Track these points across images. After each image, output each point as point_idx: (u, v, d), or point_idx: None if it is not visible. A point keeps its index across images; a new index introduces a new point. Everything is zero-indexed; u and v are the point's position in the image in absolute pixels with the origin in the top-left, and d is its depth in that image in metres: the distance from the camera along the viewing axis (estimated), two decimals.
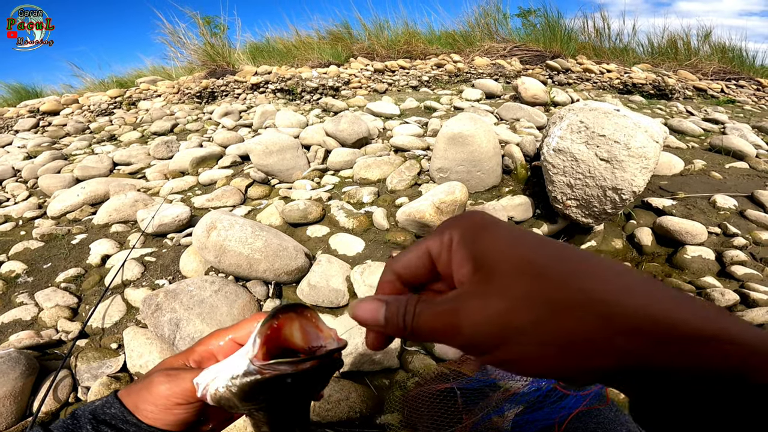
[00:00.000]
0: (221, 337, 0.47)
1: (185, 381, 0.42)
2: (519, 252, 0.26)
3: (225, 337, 0.46)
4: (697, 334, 0.22)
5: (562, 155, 2.20)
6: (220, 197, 2.86)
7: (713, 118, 4.64)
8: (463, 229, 0.29)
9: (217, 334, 0.47)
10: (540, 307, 0.24)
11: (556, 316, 0.23)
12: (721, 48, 7.21)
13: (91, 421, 0.44)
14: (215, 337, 0.47)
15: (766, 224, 2.39)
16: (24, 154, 4.50)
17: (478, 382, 1.29)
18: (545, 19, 7.56)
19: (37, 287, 2.12)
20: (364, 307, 0.31)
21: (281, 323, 0.38)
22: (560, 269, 0.25)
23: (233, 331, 0.47)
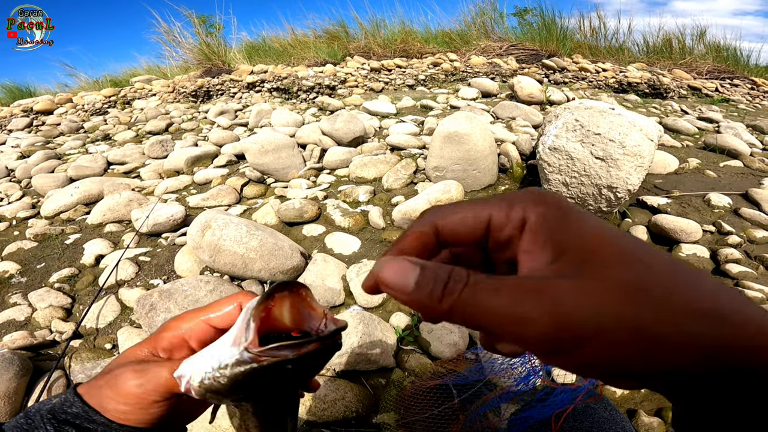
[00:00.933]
0: (191, 320, 0.41)
1: (159, 375, 0.37)
2: (621, 242, 0.23)
3: (196, 319, 0.41)
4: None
5: (557, 154, 2.21)
6: (215, 196, 2.84)
7: (708, 117, 4.67)
8: (545, 211, 0.25)
9: (186, 317, 0.42)
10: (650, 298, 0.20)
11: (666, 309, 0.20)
12: (715, 47, 7.25)
13: (50, 420, 0.38)
14: (184, 320, 0.42)
15: (760, 222, 2.41)
16: (17, 154, 4.47)
17: (472, 379, 1.29)
18: (541, 18, 7.58)
19: (31, 287, 2.10)
20: (391, 268, 0.24)
21: (275, 303, 0.34)
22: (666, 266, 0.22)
23: (205, 312, 0.42)
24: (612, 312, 0.20)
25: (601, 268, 0.21)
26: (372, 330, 1.63)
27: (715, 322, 0.20)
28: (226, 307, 0.41)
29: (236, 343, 0.33)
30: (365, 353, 1.55)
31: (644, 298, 0.20)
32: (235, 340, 0.33)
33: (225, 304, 0.41)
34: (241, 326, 0.33)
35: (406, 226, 2.23)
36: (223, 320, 0.41)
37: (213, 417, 0.49)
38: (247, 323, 0.32)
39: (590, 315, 0.20)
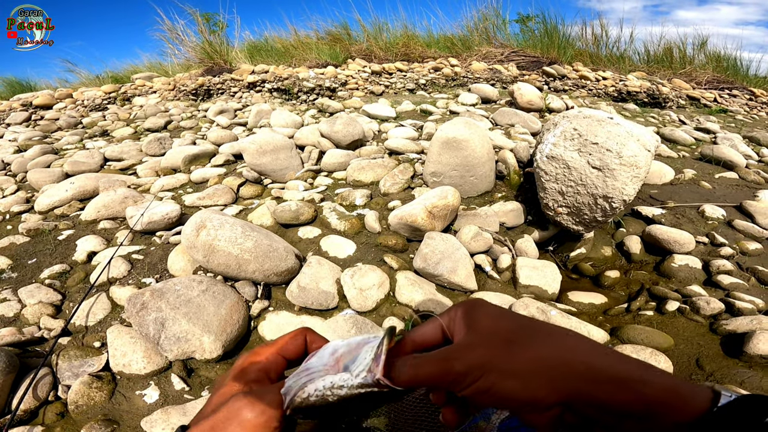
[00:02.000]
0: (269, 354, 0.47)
1: (272, 400, 0.41)
2: (497, 323, 0.39)
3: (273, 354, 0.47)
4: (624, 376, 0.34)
5: (554, 162, 2.21)
6: (211, 196, 2.83)
7: (705, 128, 4.69)
8: (465, 308, 0.42)
9: (262, 352, 0.47)
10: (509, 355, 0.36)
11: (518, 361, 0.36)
12: (716, 57, 7.27)
13: None
14: (262, 355, 0.47)
15: (753, 234, 2.41)
16: (14, 148, 4.44)
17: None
18: (544, 25, 7.60)
19: (21, 283, 2.08)
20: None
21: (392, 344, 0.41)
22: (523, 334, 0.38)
23: (278, 346, 0.48)
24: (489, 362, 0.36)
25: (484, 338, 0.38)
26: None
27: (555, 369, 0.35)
28: (298, 341, 0.48)
29: (357, 369, 0.40)
30: None
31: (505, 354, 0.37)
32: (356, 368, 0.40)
33: (296, 338, 0.48)
34: (363, 357, 0.41)
35: (402, 232, 2.23)
36: (295, 352, 0.48)
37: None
38: (375, 357, 0.39)
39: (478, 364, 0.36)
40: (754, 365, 1.59)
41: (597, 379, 0.33)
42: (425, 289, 1.95)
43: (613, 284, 2.24)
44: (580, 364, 0.34)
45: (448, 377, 0.37)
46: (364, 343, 0.42)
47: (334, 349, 0.44)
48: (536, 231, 2.50)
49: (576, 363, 0.35)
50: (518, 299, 1.91)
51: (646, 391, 0.32)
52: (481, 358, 0.36)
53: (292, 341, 0.48)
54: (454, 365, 0.37)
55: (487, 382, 0.35)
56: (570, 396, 0.34)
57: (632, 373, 0.34)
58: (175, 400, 1.49)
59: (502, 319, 0.40)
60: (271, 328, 1.79)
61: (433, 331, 0.43)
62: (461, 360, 0.37)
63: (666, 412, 0.32)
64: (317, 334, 0.49)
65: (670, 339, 1.75)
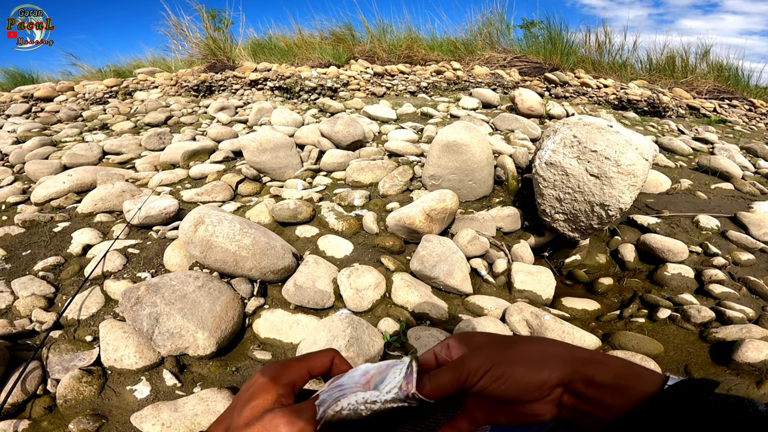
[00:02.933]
0: (296, 369, 0.48)
1: (309, 419, 0.42)
2: (490, 337, 0.48)
3: (301, 370, 0.49)
4: (598, 358, 0.43)
5: (553, 169, 2.22)
6: (209, 192, 2.83)
7: (703, 138, 4.71)
8: (457, 335, 0.50)
9: (292, 366, 0.48)
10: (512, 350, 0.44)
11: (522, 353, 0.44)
12: (718, 66, 7.28)
13: None
14: (291, 369, 0.48)
15: (746, 245, 2.43)
16: (13, 139, 4.43)
17: None
18: (548, 31, 7.62)
19: (15, 275, 2.08)
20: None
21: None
22: (515, 339, 0.47)
23: (307, 363, 0.49)
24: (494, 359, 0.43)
25: (484, 347, 0.45)
26: (360, 334, 1.62)
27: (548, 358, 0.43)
28: (325, 361, 0.50)
29: (388, 386, 0.44)
30: (352, 358, 1.54)
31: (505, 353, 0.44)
32: (386, 386, 0.45)
33: (324, 357, 0.51)
34: (392, 377, 0.45)
35: (400, 233, 2.23)
36: (321, 371, 0.50)
37: None
38: (405, 376, 0.44)
39: (487, 363, 0.43)
40: (741, 373, 1.60)
41: (584, 361, 0.42)
42: (421, 291, 1.95)
43: (607, 291, 2.25)
44: (569, 352, 0.44)
45: (462, 375, 0.43)
46: (392, 366, 0.47)
47: (365, 371, 0.48)
48: (532, 237, 2.51)
49: (565, 351, 0.44)
50: (512, 303, 1.91)
51: (612, 365, 0.42)
52: (488, 355, 0.44)
53: (320, 360, 0.50)
54: (466, 364, 0.43)
55: (498, 371, 0.42)
56: (568, 375, 0.41)
57: (600, 355, 0.43)
58: (166, 396, 1.48)
59: (491, 335, 0.49)
60: (266, 325, 1.78)
61: (429, 358, 0.50)
62: (471, 360, 0.44)
63: (628, 385, 0.40)
64: (343, 358, 0.51)
65: (660, 346, 1.76)
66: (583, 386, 0.41)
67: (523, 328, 1.80)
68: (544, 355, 0.43)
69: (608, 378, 0.41)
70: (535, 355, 0.43)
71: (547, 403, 0.42)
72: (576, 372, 0.41)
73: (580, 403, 0.42)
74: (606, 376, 0.41)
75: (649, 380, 0.40)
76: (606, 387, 0.40)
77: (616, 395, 0.40)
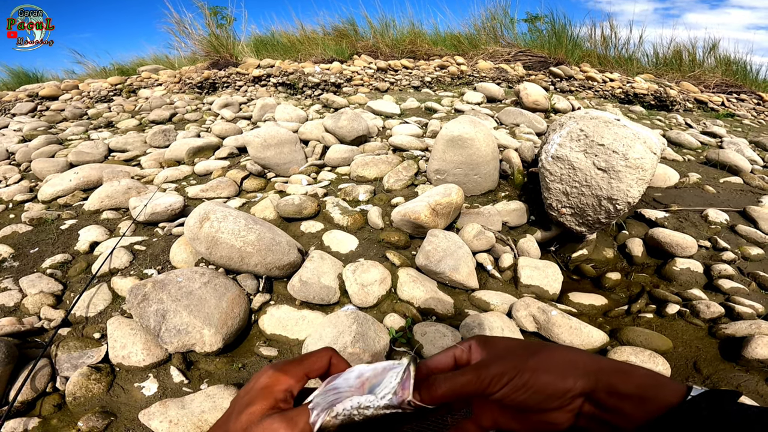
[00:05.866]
0: (294, 373, 0.48)
1: (307, 423, 0.42)
2: (512, 343, 0.47)
3: (298, 374, 0.48)
4: (622, 367, 0.42)
5: (559, 163, 2.20)
6: (214, 188, 2.83)
7: (711, 132, 4.65)
8: (478, 339, 0.49)
9: (289, 370, 0.48)
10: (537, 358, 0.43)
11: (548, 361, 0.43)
12: (725, 61, 7.20)
13: None
14: (287, 374, 0.48)
15: (755, 240, 2.40)
16: (19, 138, 4.46)
17: None
18: (552, 25, 7.55)
19: (23, 272, 2.09)
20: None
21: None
22: (537, 347, 0.46)
23: (303, 365, 0.49)
24: (515, 366, 0.43)
25: (505, 354, 0.45)
26: (365, 330, 1.62)
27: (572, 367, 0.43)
28: (323, 362, 0.50)
29: (383, 391, 0.43)
30: (358, 354, 1.54)
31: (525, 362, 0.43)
32: (381, 390, 0.44)
33: (321, 357, 0.50)
34: (388, 381, 0.44)
35: (405, 228, 2.22)
36: (318, 372, 0.50)
37: None
38: (401, 381, 0.44)
39: (510, 368, 0.42)
40: (751, 369, 1.58)
41: (608, 370, 0.42)
42: (427, 287, 1.95)
43: (614, 286, 2.23)
44: (595, 361, 0.43)
45: (485, 381, 0.43)
46: (389, 369, 0.46)
47: (360, 373, 0.47)
48: (539, 231, 2.49)
49: (590, 361, 0.43)
50: (519, 299, 1.90)
51: (636, 375, 0.41)
52: (513, 362, 0.43)
53: (318, 361, 0.50)
54: (491, 369, 0.43)
55: (523, 379, 0.42)
56: (592, 384, 0.41)
57: (625, 365, 0.43)
58: (173, 392, 1.49)
59: (514, 341, 0.49)
60: (271, 321, 1.79)
61: (447, 359, 0.49)
62: (496, 365, 0.44)
63: (650, 396, 0.40)
64: (340, 357, 0.51)
65: (668, 342, 1.74)
66: (605, 396, 0.41)
67: (529, 323, 1.79)
68: (570, 364, 0.43)
69: (631, 388, 0.40)
70: (560, 363, 0.43)
71: (566, 411, 0.42)
72: (600, 381, 0.41)
73: (600, 412, 0.42)
74: (629, 386, 0.41)
75: (672, 391, 0.40)
76: (628, 397, 0.40)
77: (637, 405, 0.40)
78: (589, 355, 0.45)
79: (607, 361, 0.44)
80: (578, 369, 0.42)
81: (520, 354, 0.45)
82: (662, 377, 0.42)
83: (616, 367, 0.43)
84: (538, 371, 0.42)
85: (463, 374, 0.44)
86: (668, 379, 0.42)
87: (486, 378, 0.43)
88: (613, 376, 0.41)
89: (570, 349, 0.46)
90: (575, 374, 0.42)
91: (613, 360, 0.45)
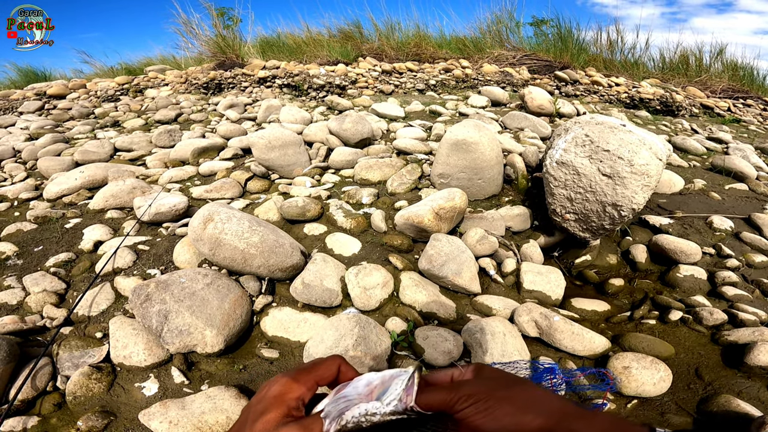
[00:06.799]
0: (305, 381, 0.49)
1: (320, 430, 0.44)
2: (498, 374, 0.50)
3: (309, 382, 0.50)
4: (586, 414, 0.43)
5: (564, 168, 2.19)
6: (218, 189, 2.84)
7: (717, 137, 4.63)
8: (475, 365, 0.52)
9: (301, 378, 0.49)
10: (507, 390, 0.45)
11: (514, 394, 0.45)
12: (732, 65, 7.16)
13: None
14: (299, 382, 0.49)
15: (760, 247, 2.38)
16: (26, 136, 4.49)
17: None
18: (558, 29, 7.54)
19: (26, 270, 2.10)
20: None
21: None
22: (518, 381, 0.48)
23: (314, 374, 0.50)
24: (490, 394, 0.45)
25: (488, 380, 0.48)
26: (367, 333, 1.62)
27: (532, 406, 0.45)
28: (332, 370, 0.52)
29: (389, 398, 0.45)
30: (359, 357, 1.53)
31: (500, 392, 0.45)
32: (387, 397, 0.45)
33: (330, 365, 0.52)
34: (393, 388, 0.46)
35: (408, 232, 2.22)
36: (329, 379, 0.52)
37: None
38: (406, 387, 0.45)
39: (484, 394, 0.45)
40: (753, 376, 1.57)
41: (573, 414, 0.43)
42: (429, 291, 1.94)
43: (617, 292, 2.22)
44: (560, 404, 0.45)
45: (454, 398, 0.45)
46: (396, 377, 0.47)
47: (368, 381, 0.49)
48: (542, 236, 2.48)
49: (558, 404, 0.45)
50: (521, 304, 1.89)
51: (599, 422, 0.42)
52: (484, 387, 0.46)
53: (328, 369, 0.52)
54: (462, 390, 0.46)
55: (487, 404, 0.44)
56: (551, 425, 0.42)
57: (589, 413, 0.44)
58: (174, 393, 1.49)
59: (502, 372, 0.52)
60: (273, 323, 1.79)
61: (444, 377, 0.52)
62: (470, 387, 0.46)
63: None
64: (349, 364, 0.53)
65: (671, 348, 1.73)
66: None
67: (531, 328, 1.78)
68: (533, 401, 0.44)
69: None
70: (526, 399, 0.45)
71: None
72: (560, 424, 0.42)
73: None
74: (591, 431, 0.42)
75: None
76: None
77: None
78: (559, 399, 0.46)
79: (574, 408, 0.45)
80: (540, 407, 0.44)
81: (497, 384, 0.47)
82: (626, 424, 0.43)
83: (579, 412, 0.44)
84: (502, 401, 0.44)
85: (439, 390, 0.47)
86: (632, 424, 0.42)
87: (456, 395, 0.45)
88: (576, 421, 0.42)
89: (543, 391, 0.47)
90: (535, 411, 0.43)
91: (581, 408, 0.46)
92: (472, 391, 0.45)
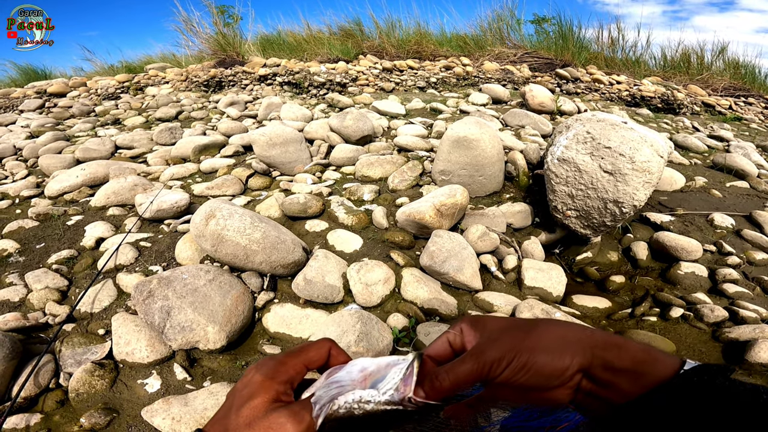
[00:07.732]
0: (295, 365, 0.47)
1: (308, 416, 0.42)
2: (503, 322, 0.46)
3: (299, 365, 0.47)
4: (617, 342, 0.42)
5: (565, 165, 2.19)
6: (220, 186, 2.85)
7: (718, 135, 4.62)
8: (468, 320, 0.48)
9: (289, 362, 0.47)
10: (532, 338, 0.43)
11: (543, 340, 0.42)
12: (734, 64, 7.15)
13: None
14: (289, 366, 0.47)
15: (761, 245, 2.38)
16: (27, 134, 4.49)
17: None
18: (559, 27, 7.53)
19: (28, 267, 2.10)
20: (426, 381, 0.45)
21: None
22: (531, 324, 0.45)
23: (303, 357, 0.48)
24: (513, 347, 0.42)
25: (497, 336, 0.44)
26: (369, 329, 1.62)
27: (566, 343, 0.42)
28: (322, 353, 0.49)
29: (385, 387, 0.43)
30: (361, 353, 1.54)
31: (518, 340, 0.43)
32: (383, 386, 0.43)
33: (320, 348, 0.49)
34: (391, 377, 0.44)
35: (409, 228, 2.22)
36: (318, 363, 0.49)
37: None
38: (404, 377, 0.43)
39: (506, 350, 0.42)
40: (753, 373, 1.58)
41: (603, 345, 0.41)
42: (430, 287, 1.95)
43: (618, 289, 2.22)
44: (588, 336, 0.43)
45: (485, 367, 0.42)
46: (393, 365, 0.45)
47: (363, 366, 0.46)
48: (543, 233, 2.48)
49: (585, 336, 0.43)
50: (522, 300, 1.90)
51: (631, 350, 0.41)
52: (509, 344, 0.42)
53: (317, 352, 0.49)
54: (488, 354, 0.42)
55: (521, 360, 0.41)
56: (589, 360, 0.41)
57: (619, 340, 0.42)
58: (176, 389, 1.49)
59: (505, 320, 0.47)
60: (275, 320, 1.79)
61: (443, 346, 0.48)
62: (492, 349, 0.42)
63: (645, 370, 0.39)
64: (340, 348, 0.50)
65: (672, 345, 1.74)
66: (600, 371, 0.41)
67: None
68: (565, 340, 0.42)
69: (626, 363, 0.40)
70: (556, 340, 0.42)
71: (567, 388, 0.42)
72: (596, 357, 0.41)
73: (596, 387, 0.41)
74: (624, 361, 0.40)
75: (666, 365, 0.39)
76: (623, 372, 0.40)
77: (632, 380, 0.40)
78: (582, 329, 0.44)
79: (600, 335, 0.43)
80: (574, 345, 0.41)
81: (515, 334, 0.44)
82: (657, 351, 0.41)
83: (610, 341, 0.42)
84: (535, 351, 0.41)
85: (462, 363, 0.43)
86: (663, 353, 0.41)
87: (486, 364, 0.42)
88: (608, 351, 0.41)
89: (563, 324, 0.45)
90: (571, 351, 0.41)
91: (606, 333, 0.44)
92: (500, 353, 0.42)
